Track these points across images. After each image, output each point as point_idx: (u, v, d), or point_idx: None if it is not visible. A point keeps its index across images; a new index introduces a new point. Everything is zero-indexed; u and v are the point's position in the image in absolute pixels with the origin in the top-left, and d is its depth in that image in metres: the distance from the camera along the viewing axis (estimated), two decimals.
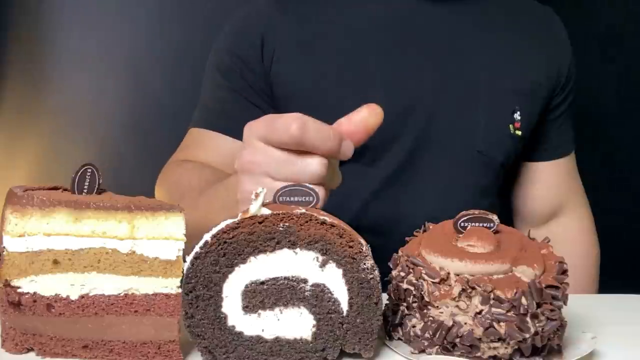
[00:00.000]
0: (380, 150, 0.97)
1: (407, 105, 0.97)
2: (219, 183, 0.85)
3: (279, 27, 1.00)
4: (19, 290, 0.57)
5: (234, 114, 1.00)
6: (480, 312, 0.57)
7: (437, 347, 0.59)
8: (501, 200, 1.09)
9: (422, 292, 0.59)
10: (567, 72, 1.09)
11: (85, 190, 0.59)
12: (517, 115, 1.02)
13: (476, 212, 0.63)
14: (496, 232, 0.63)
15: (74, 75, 1.73)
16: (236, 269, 0.57)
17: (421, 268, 0.60)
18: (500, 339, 0.57)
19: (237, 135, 0.96)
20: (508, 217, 1.16)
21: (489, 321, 0.57)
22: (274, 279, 0.57)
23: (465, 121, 0.99)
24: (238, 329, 0.58)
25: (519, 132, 1.02)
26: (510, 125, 1.01)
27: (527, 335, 0.57)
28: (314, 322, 0.58)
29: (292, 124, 0.61)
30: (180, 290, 0.57)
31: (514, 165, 1.09)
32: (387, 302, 0.64)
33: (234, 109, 1.01)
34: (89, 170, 0.59)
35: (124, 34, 1.65)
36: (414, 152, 0.98)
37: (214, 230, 0.57)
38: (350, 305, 0.58)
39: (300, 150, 0.62)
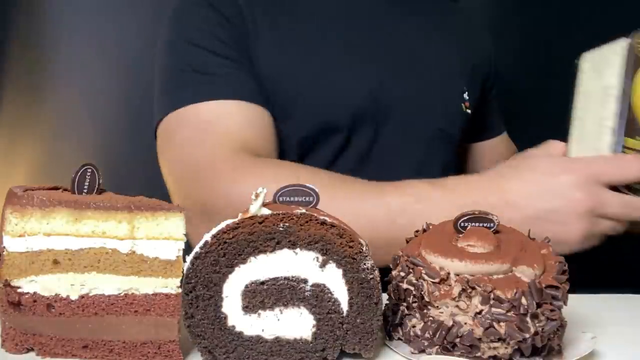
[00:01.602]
0: (352, 130, 0.98)
1: (373, 87, 0.99)
2: (430, 189, 0.80)
3: (254, 8, 0.97)
4: (19, 290, 0.57)
5: (241, 80, 0.93)
6: (480, 312, 0.57)
7: (437, 347, 0.59)
8: None
9: (422, 292, 0.59)
10: (493, 60, 1.19)
11: (85, 190, 0.59)
12: (465, 95, 1.08)
13: (476, 212, 0.63)
14: (496, 232, 0.63)
15: (74, 75, 1.73)
16: (236, 269, 0.57)
17: (421, 268, 0.60)
18: (500, 339, 0.57)
19: (255, 100, 0.91)
20: None
21: (489, 321, 0.57)
22: (274, 279, 0.57)
23: (425, 101, 1.03)
24: (238, 329, 0.58)
25: (468, 111, 1.08)
26: (462, 105, 1.07)
27: (527, 335, 0.57)
28: (314, 322, 0.58)
29: (638, 162, 0.70)
30: (180, 290, 0.57)
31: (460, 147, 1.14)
32: (387, 302, 0.64)
33: (239, 75, 0.93)
34: (89, 170, 0.59)
35: (124, 35, 1.65)
36: (382, 132, 1.00)
37: (214, 231, 0.57)
38: (350, 305, 0.58)
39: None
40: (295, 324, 0.58)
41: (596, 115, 0.76)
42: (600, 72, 0.77)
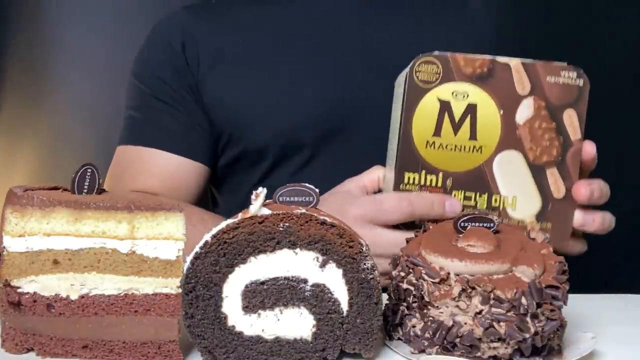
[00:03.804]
0: (316, 146, 0.98)
1: (338, 98, 0.97)
2: None
3: (197, 32, 0.99)
4: (19, 290, 0.57)
5: (168, 127, 0.99)
6: (480, 312, 0.57)
7: (437, 347, 0.59)
8: None
9: (422, 292, 0.59)
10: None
11: (85, 190, 0.59)
12: None
13: (476, 212, 0.63)
14: (496, 232, 0.63)
15: (74, 75, 1.72)
16: (236, 269, 0.57)
17: (421, 268, 0.60)
18: (500, 339, 0.57)
19: (174, 149, 0.97)
20: None
21: (489, 321, 0.57)
22: (274, 279, 0.57)
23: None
24: (238, 329, 0.58)
25: None
26: None
27: (527, 335, 0.57)
28: (314, 322, 0.58)
29: (401, 203, 0.71)
30: (180, 290, 0.57)
31: None
32: (387, 302, 0.64)
33: (168, 120, 0.99)
34: (89, 170, 0.59)
35: (124, 35, 1.65)
36: (347, 146, 0.98)
37: (214, 231, 0.57)
38: (350, 305, 0.58)
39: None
40: (295, 324, 0.58)
41: (392, 145, 0.75)
42: (396, 99, 0.76)
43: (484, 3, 1.18)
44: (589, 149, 0.72)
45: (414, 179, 0.71)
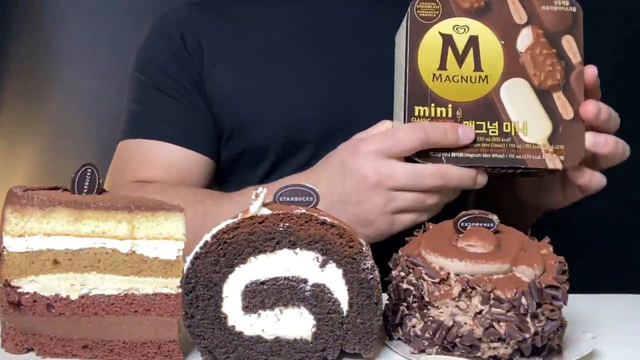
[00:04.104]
0: (321, 143, 0.97)
1: (341, 96, 0.97)
2: (228, 202, 0.85)
3: (199, 27, 1.00)
4: (19, 290, 0.57)
5: (171, 119, 0.99)
6: (480, 312, 0.57)
7: (437, 347, 0.59)
8: None
9: (422, 292, 0.59)
10: None
11: (85, 190, 0.59)
12: None
13: (476, 212, 0.63)
14: (496, 232, 0.63)
15: (74, 75, 1.72)
16: (236, 269, 0.57)
17: (421, 268, 0.60)
18: (500, 339, 0.57)
19: (178, 141, 0.97)
20: None
21: (489, 321, 0.57)
22: (274, 279, 0.57)
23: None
24: (238, 329, 0.58)
25: None
26: None
27: (527, 335, 0.57)
28: (314, 322, 0.58)
29: (414, 131, 0.70)
30: (180, 290, 0.57)
31: None
32: (387, 302, 0.64)
33: (170, 112, 0.99)
34: (89, 170, 0.59)
35: (125, 35, 1.65)
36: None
37: (214, 231, 0.57)
38: (350, 305, 0.58)
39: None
40: (295, 324, 0.58)
41: (399, 89, 0.76)
42: (399, 43, 0.78)
43: None
44: (591, 71, 0.74)
45: (424, 111, 0.72)
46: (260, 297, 0.57)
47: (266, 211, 0.57)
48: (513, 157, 0.72)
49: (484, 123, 0.72)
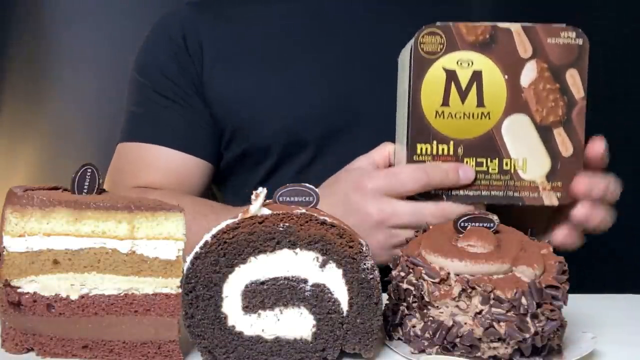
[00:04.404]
0: (322, 143, 0.97)
1: (342, 96, 0.97)
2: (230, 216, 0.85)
3: (200, 28, 0.99)
4: (19, 290, 0.57)
5: (171, 123, 0.99)
6: (480, 312, 0.57)
7: (437, 347, 0.59)
8: None
9: (422, 292, 0.59)
10: None
11: (85, 190, 0.59)
12: None
13: (476, 212, 0.63)
14: (496, 232, 0.63)
15: (74, 76, 1.73)
16: (236, 269, 0.57)
17: (421, 268, 0.60)
18: (500, 339, 0.57)
19: (177, 145, 0.97)
20: None
21: (489, 321, 0.57)
22: (274, 279, 0.57)
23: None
24: (238, 329, 0.58)
25: None
26: None
27: (527, 335, 0.57)
28: (314, 322, 0.58)
29: (416, 173, 0.71)
30: (180, 290, 0.57)
31: None
32: (387, 302, 0.64)
33: (170, 116, 0.99)
34: (89, 170, 0.59)
35: (125, 35, 1.65)
36: (353, 145, 0.97)
37: (214, 231, 0.57)
38: (350, 305, 0.58)
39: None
40: (295, 324, 0.58)
41: (401, 119, 0.77)
42: (402, 73, 0.77)
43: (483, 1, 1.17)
44: (597, 148, 0.74)
45: (426, 149, 0.72)
46: (260, 297, 0.57)
47: (266, 211, 0.57)
48: (511, 194, 0.73)
49: (484, 160, 0.73)
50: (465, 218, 0.62)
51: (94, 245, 0.57)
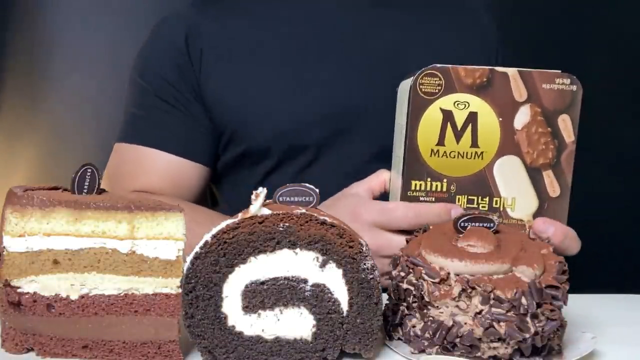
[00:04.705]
0: (322, 146, 0.97)
1: (342, 99, 0.97)
2: None
3: (201, 29, 0.99)
4: (19, 290, 0.57)
5: (170, 127, 0.99)
6: (480, 312, 0.57)
7: (437, 347, 0.59)
8: None
9: (422, 292, 0.59)
10: (499, 58, 1.10)
11: (85, 190, 0.59)
12: None
13: (476, 212, 0.63)
14: (496, 232, 0.63)
15: (73, 75, 1.72)
16: (236, 269, 0.57)
17: (421, 268, 0.60)
18: (500, 339, 0.57)
19: (175, 150, 0.98)
20: None
21: (489, 321, 0.57)
22: (274, 279, 0.57)
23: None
24: (238, 329, 0.58)
25: None
26: None
27: (527, 335, 0.57)
28: (314, 322, 0.58)
29: (408, 213, 0.73)
30: (180, 290, 0.57)
31: None
32: (387, 302, 0.64)
33: (169, 121, 0.99)
34: (89, 170, 0.59)
35: (124, 34, 1.65)
36: (353, 146, 0.98)
37: (214, 231, 0.57)
38: (350, 305, 0.58)
39: None
40: (295, 324, 0.58)
41: (397, 150, 0.78)
42: (400, 105, 0.79)
43: (486, 5, 1.17)
44: (541, 227, 0.74)
45: (420, 185, 0.74)
46: (260, 297, 0.57)
47: (266, 211, 0.57)
48: None
49: (475, 198, 0.75)
50: (465, 218, 0.62)
51: (94, 245, 0.57)
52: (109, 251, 0.57)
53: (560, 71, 0.75)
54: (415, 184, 0.74)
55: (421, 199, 0.75)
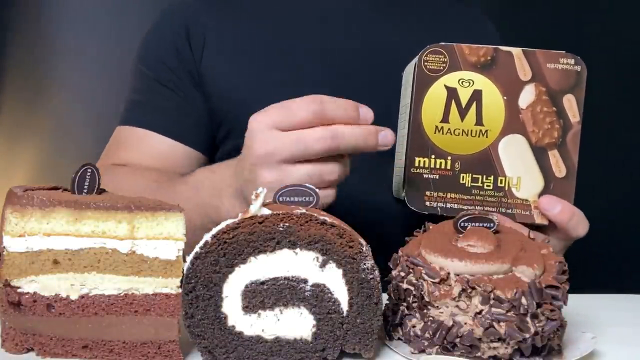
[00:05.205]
0: None
1: (343, 96, 0.96)
2: (179, 183, 0.86)
3: (204, 19, 1.00)
4: (19, 290, 0.57)
5: (165, 110, 1.00)
6: (480, 312, 0.57)
7: (437, 347, 0.59)
8: None
9: (422, 292, 0.59)
10: None
11: (85, 190, 0.59)
12: None
13: (476, 212, 0.63)
14: (496, 232, 0.63)
15: (74, 75, 1.73)
16: (236, 269, 0.57)
17: (421, 268, 0.60)
18: (500, 339, 0.57)
19: (168, 132, 0.98)
20: None
21: (489, 321, 0.57)
22: (274, 279, 0.57)
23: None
24: (238, 329, 0.58)
25: None
26: None
27: (527, 335, 0.57)
28: (314, 322, 0.58)
29: (310, 102, 0.67)
30: (180, 290, 0.57)
31: None
32: (387, 302, 0.64)
33: (165, 104, 1.00)
34: (89, 170, 0.59)
35: (124, 34, 1.65)
36: None
37: (214, 231, 0.57)
38: (350, 305, 0.58)
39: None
40: (295, 324, 0.58)
41: (401, 132, 0.79)
42: (405, 87, 0.80)
43: (486, 2, 1.17)
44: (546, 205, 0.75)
45: (424, 162, 0.74)
46: (260, 297, 0.57)
47: (266, 211, 0.57)
48: (504, 211, 0.75)
49: (480, 176, 0.75)
50: (465, 218, 0.62)
51: (94, 245, 0.57)
52: (109, 251, 0.57)
53: (564, 51, 0.75)
54: (419, 161, 0.74)
55: (425, 175, 0.74)
